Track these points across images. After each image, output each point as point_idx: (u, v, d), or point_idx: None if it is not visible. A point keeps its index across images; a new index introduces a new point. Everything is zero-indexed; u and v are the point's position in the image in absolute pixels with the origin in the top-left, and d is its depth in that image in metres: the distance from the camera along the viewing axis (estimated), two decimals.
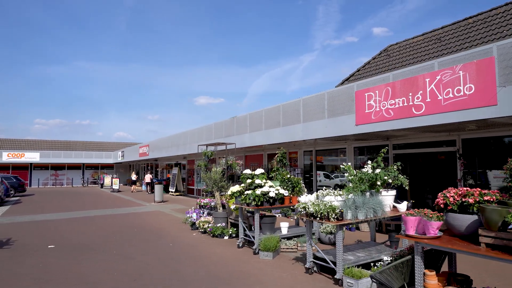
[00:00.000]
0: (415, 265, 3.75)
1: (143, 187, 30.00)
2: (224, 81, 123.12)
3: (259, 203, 7.58)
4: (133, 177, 29.19)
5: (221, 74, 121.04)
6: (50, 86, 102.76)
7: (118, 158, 36.03)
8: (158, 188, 19.07)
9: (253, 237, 7.86)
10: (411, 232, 4.39)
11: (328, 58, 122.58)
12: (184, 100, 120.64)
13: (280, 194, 7.83)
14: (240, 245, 8.23)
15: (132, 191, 28.30)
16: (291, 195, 8.20)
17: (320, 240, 8.46)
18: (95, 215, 14.41)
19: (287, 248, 7.79)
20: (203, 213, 11.45)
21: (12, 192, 23.73)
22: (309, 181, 13.18)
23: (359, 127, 8.43)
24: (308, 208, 5.78)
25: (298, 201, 8.32)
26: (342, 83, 15.40)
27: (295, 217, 9.72)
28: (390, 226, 9.68)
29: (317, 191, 6.52)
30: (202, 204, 11.68)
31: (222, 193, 10.47)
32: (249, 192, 7.63)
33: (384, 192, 6.36)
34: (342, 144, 11.89)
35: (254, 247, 7.65)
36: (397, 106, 7.55)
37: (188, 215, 12.15)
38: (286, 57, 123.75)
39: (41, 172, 37.85)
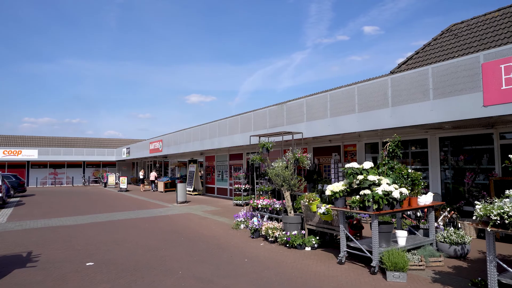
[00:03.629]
0: None
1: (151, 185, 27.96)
2: (216, 79, 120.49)
3: (381, 207, 5.72)
4: (141, 175, 27.08)
5: (213, 72, 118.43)
6: (39, 84, 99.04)
7: (122, 155, 33.74)
8: (180, 187, 17.04)
9: (368, 251, 5.98)
10: None
11: (320, 56, 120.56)
12: (175, 98, 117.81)
13: (404, 195, 5.97)
14: (342, 261, 6.35)
15: (143, 190, 26.23)
16: (409, 196, 6.35)
17: (440, 251, 6.62)
18: (119, 219, 12.37)
19: (412, 265, 5.94)
20: (263, 217, 9.55)
21: (11, 192, 21.43)
22: None
23: (490, 108, 6.60)
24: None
25: (418, 204, 6.50)
26: (399, 67, 13.59)
27: (424, 225, 7.75)
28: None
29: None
30: (259, 206, 9.75)
31: (291, 193, 8.57)
32: (368, 192, 5.75)
33: None
34: (421, 134, 10.09)
35: (372, 264, 5.78)
36: None
37: (239, 219, 10.25)
38: (278, 55, 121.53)
39: (39, 170, 35.30)
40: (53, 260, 6.96)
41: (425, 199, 6.50)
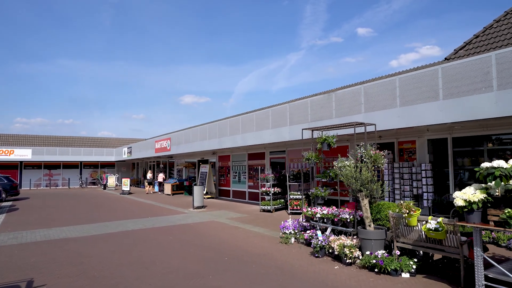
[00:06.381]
0: None
1: (156, 188, 25.93)
2: (210, 80, 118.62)
3: None
4: (148, 176, 25.11)
5: (207, 73, 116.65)
6: (32, 84, 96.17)
7: (123, 155, 31.60)
8: (197, 191, 15.07)
9: None
10: None
11: (314, 57, 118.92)
12: (169, 99, 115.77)
13: None
14: None
15: (147, 193, 24.26)
16: None
17: None
18: (133, 229, 10.39)
19: None
20: (325, 230, 7.66)
21: (3, 196, 19.27)
22: (442, 181, 9.55)
23: None
24: None
25: None
26: (456, 53, 11.83)
27: None
28: None
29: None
30: (317, 215, 7.82)
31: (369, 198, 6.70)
32: None
33: None
34: (505, 127, 8.29)
35: None
36: None
37: (287, 231, 8.37)
38: (272, 56, 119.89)
39: (33, 171, 32.94)
40: None
41: None
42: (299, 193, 12.96)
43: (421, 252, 6.23)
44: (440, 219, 5.30)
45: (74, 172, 34.92)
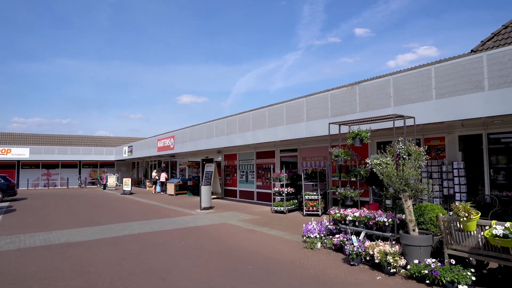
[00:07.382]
0: None
1: (157, 188, 25.13)
2: (208, 80, 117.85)
3: None
4: (153, 175, 24.46)
5: (205, 72, 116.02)
6: (30, 83, 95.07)
7: (124, 154, 30.77)
8: (205, 191, 14.31)
9: None
10: None
11: (312, 58, 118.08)
12: (167, 99, 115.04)
13: None
14: None
15: (154, 192, 23.68)
16: None
17: None
18: (140, 233, 9.63)
19: None
20: (360, 235, 6.93)
21: (0, 196, 18.45)
22: (476, 181, 8.84)
23: None
24: None
25: None
26: (483, 44, 11.14)
27: None
28: None
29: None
30: (349, 218, 7.07)
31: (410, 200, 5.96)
32: None
33: None
34: None
35: None
36: None
37: (312, 235, 7.64)
38: (270, 56, 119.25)
39: (31, 171, 32.02)
40: None
41: None
42: (314, 193, 12.24)
43: (472, 260, 5.54)
44: (508, 224, 4.58)
45: (73, 171, 34.06)
